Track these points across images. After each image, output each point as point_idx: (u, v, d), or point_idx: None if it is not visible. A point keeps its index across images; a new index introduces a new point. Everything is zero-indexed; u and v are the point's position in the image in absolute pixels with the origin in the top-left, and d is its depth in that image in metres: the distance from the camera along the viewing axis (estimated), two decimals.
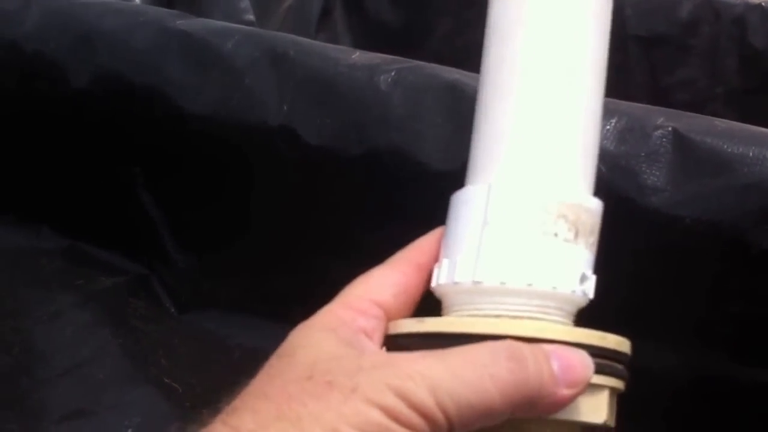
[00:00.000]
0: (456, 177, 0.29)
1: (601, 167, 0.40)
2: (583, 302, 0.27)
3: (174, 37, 0.55)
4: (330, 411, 0.22)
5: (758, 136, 0.39)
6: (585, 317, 0.27)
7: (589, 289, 0.27)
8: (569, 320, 0.27)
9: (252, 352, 0.49)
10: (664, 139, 0.40)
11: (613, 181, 0.40)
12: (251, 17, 0.65)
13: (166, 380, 0.50)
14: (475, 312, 0.26)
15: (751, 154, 0.38)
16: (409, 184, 0.46)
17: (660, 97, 0.62)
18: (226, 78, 0.53)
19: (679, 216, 0.39)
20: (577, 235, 0.26)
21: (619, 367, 0.26)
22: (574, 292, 0.26)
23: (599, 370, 0.25)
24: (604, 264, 0.31)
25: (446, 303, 0.28)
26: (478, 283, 0.26)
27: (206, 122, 0.53)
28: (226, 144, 0.53)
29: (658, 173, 0.40)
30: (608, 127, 0.41)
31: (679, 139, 0.40)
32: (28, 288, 0.58)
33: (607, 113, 0.42)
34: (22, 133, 0.64)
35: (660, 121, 0.41)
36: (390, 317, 0.27)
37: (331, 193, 0.50)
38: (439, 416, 0.22)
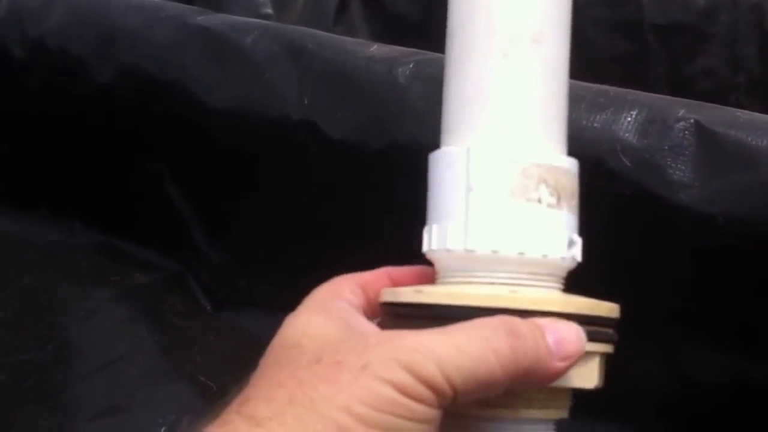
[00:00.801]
0: None
1: (625, 161, 0.40)
2: (572, 266, 0.28)
3: (194, 33, 0.56)
4: (342, 392, 0.22)
5: None
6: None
7: (577, 253, 0.27)
8: (560, 284, 0.28)
9: None
10: (686, 132, 0.40)
11: (639, 176, 0.40)
12: (269, 11, 0.65)
13: (201, 378, 0.50)
14: (470, 280, 0.27)
15: None
16: None
17: (681, 87, 0.62)
18: (247, 72, 0.53)
19: (710, 214, 0.38)
20: (559, 199, 0.27)
21: (610, 332, 0.27)
22: (563, 258, 0.27)
23: (591, 338, 0.26)
24: (641, 264, 0.30)
25: (439, 267, 0.28)
26: (471, 251, 0.26)
27: (228, 117, 0.53)
28: (249, 139, 0.53)
29: (683, 167, 0.39)
30: (629, 119, 0.41)
31: (701, 131, 0.40)
32: (63, 283, 0.58)
33: (627, 105, 0.42)
34: (51, 129, 0.64)
35: (681, 112, 0.40)
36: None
37: (357, 188, 0.51)
38: (446, 387, 0.23)
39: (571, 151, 0.28)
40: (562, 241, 0.27)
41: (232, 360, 0.52)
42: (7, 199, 0.67)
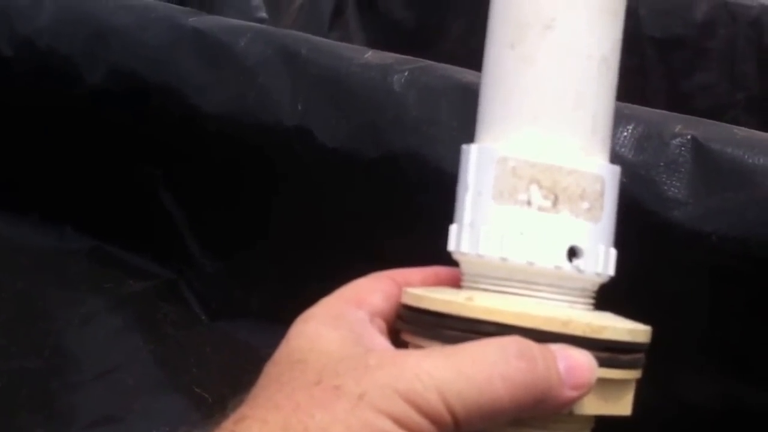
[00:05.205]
0: None
1: (622, 177, 0.40)
2: (585, 278, 0.25)
3: (186, 35, 0.55)
4: (337, 422, 0.21)
5: None
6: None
7: (589, 263, 0.25)
8: (584, 301, 0.26)
9: None
10: (682, 148, 0.40)
11: (633, 192, 0.39)
12: (264, 15, 0.65)
13: (197, 390, 0.49)
14: (484, 287, 0.25)
15: None
16: (427, 189, 0.46)
17: (679, 102, 0.62)
18: (240, 77, 0.53)
19: (704, 232, 0.38)
20: (556, 202, 0.25)
21: (624, 358, 0.24)
22: (558, 267, 0.25)
23: (609, 364, 0.24)
24: (633, 283, 0.30)
25: (461, 269, 0.27)
26: (464, 254, 0.25)
27: (221, 121, 0.53)
28: (244, 144, 0.53)
29: (678, 184, 0.39)
30: (625, 133, 0.41)
31: (698, 147, 0.39)
32: (56, 289, 0.58)
33: (624, 119, 0.42)
34: (42, 131, 0.63)
35: (678, 128, 0.40)
36: (383, 318, 0.27)
37: (352, 197, 0.50)
38: (447, 418, 0.22)
39: None
40: (554, 248, 0.25)
41: (229, 372, 0.51)
42: None
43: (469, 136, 0.46)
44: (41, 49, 0.59)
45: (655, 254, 0.40)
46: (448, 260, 0.28)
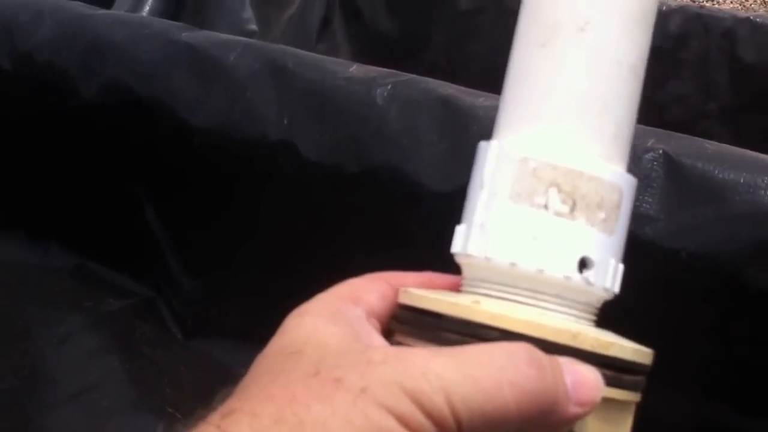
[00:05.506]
0: (454, 198, 0.28)
1: None
2: (593, 292, 0.24)
3: (179, 50, 0.56)
4: (336, 416, 0.20)
5: (749, 162, 0.38)
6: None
7: (599, 276, 0.24)
8: (588, 315, 0.25)
9: None
10: (655, 163, 0.39)
11: None
12: (254, 27, 0.66)
13: (169, 410, 0.49)
14: (486, 292, 0.24)
15: (742, 180, 0.37)
16: (407, 205, 0.46)
17: (653, 113, 0.62)
18: (229, 91, 0.53)
19: (674, 249, 0.37)
20: (574, 208, 0.23)
21: (628, 378, 0.24)
22: (568, 277, 0.23)
23: (614, 384, 0.23)
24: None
25: (463, 273, 0.26)
26: (470, 256, 0.24)
27: (209, 136, 0.53)
28: (229, 159, 0.53)
29: (650, 200, 0.38)
30: None
31: (669, 162, 0.39)
32: (37, 308, 0.57)
33: None
34: (35, 147, 0.64)
35: (651, 143, 0.40)
36: (377, 318, 0.25)
37: (333, 213, 0.50)
38: (450, 422, 0.21)
39: None
40: (566, 256, 0.23)
41: (202, 392, 0.51)
42: None
43: (448, 150, 0.47)
44: (39, 64, 0.59)
45: (627, 272, 0.40)
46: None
